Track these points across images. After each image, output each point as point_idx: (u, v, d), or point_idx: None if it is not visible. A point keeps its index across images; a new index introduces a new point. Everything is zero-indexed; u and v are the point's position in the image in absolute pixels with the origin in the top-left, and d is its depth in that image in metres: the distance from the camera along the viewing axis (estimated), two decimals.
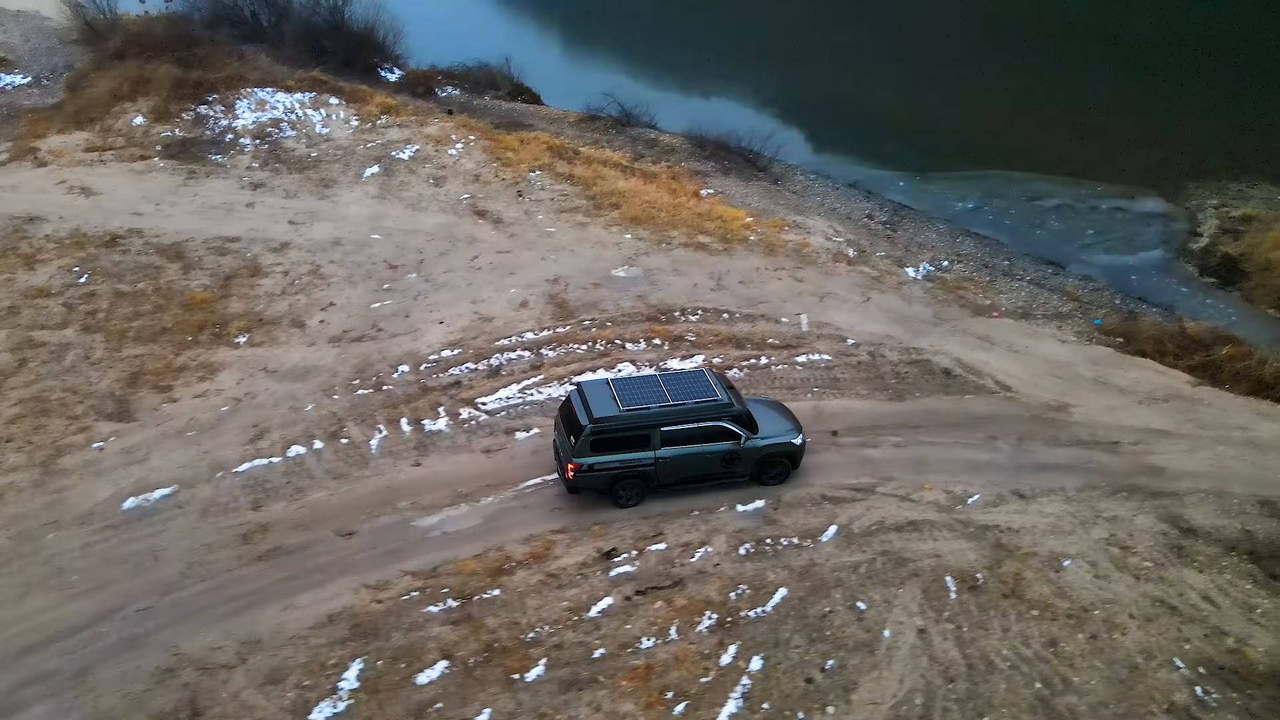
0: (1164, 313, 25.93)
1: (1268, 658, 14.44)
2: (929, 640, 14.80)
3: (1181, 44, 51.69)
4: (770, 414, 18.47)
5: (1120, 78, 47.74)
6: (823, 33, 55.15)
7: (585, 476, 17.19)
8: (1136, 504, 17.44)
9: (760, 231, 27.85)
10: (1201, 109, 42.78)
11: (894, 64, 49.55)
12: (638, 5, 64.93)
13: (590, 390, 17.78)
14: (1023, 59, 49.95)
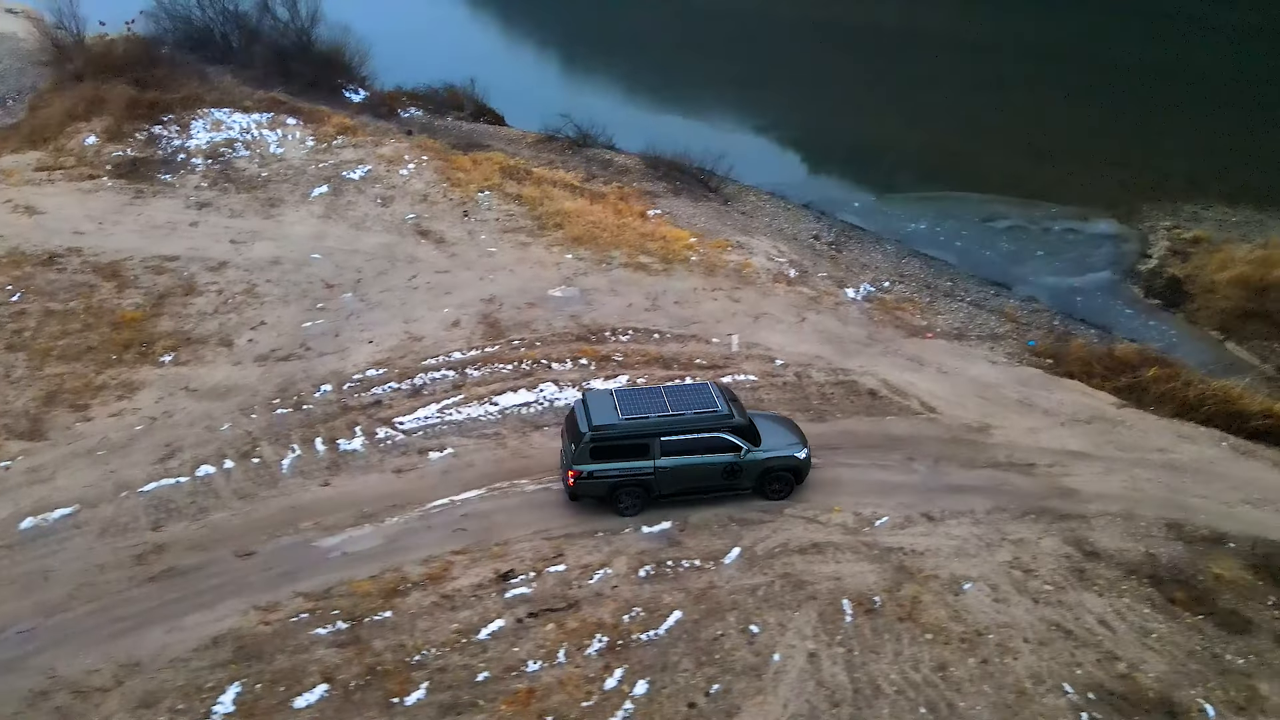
0: (1102, 334, 25.90)
1: (1158, 683, 14.23)
2: (818, 664, 14.62)
3: (1148, 70, 52.01)
4: (775, 428, 18.54)
5: (1086, 102, 47.96)
6: (789, 56, 55.54)
7: (585, 484, 17.42)
8: (1044, 527, 17.27)
9: (703, 252, 27.84)
10: (1164, 133, 43.03)
11: (858, 87, 49.90)
12: (614, 28, 65.48)
13: (593, 399, 18.14)
14: (988, 83, 50.28)
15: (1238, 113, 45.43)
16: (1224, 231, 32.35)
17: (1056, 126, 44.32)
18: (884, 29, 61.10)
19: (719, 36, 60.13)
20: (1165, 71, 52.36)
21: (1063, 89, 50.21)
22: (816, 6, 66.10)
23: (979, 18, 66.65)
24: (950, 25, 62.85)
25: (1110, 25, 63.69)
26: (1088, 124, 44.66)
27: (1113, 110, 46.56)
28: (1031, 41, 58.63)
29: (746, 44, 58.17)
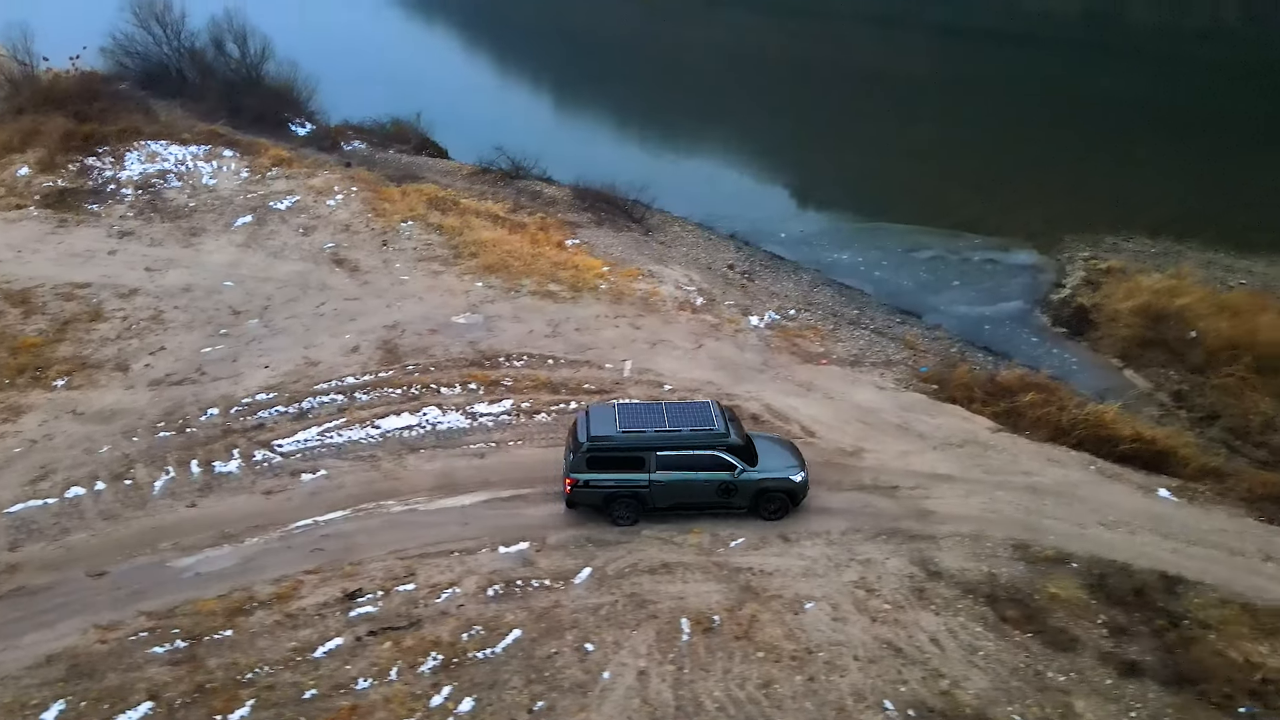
0: (1001, 361, 26.18)
1: (977, 700, 14.32)
2: (646, 682, 14.71)
3: (1089, 104, 53.01)
4: (775, 450, 18.82)
5: (1027, 136, 48.90)
6: (738, 93, 56.71)
7: (581, 492, 17.99)
8: (894, 547, 17.41)
9: (613, 280, 28.21)
10: (1100, 167, 43.75)
11: (801, 122, 50.90)
12: (578, 65, 66.76)
13: (595, 413, 18.76)
14: (929, 118, 51.23)
15: (1178, 146, 46.35)
16: (1140, 262, 32.77)
17: (995, 160, 45.17)
18: (840, 67, 62.40)
19: (677, 72, 61.35)
20: (1112, 107, 53.38)
21: (1006, 123, 51.28)
22: (774, 45, 67.61)
23: (927, 55, 68.19)
24: (898, 62, 64.24)
25: (1063, 61, 65.12)
26: (1026, 158, 45.52)
27: (1053, 144, 47.42)
28: (979, 78, 59.98)
29: (700, 80, 59.36)
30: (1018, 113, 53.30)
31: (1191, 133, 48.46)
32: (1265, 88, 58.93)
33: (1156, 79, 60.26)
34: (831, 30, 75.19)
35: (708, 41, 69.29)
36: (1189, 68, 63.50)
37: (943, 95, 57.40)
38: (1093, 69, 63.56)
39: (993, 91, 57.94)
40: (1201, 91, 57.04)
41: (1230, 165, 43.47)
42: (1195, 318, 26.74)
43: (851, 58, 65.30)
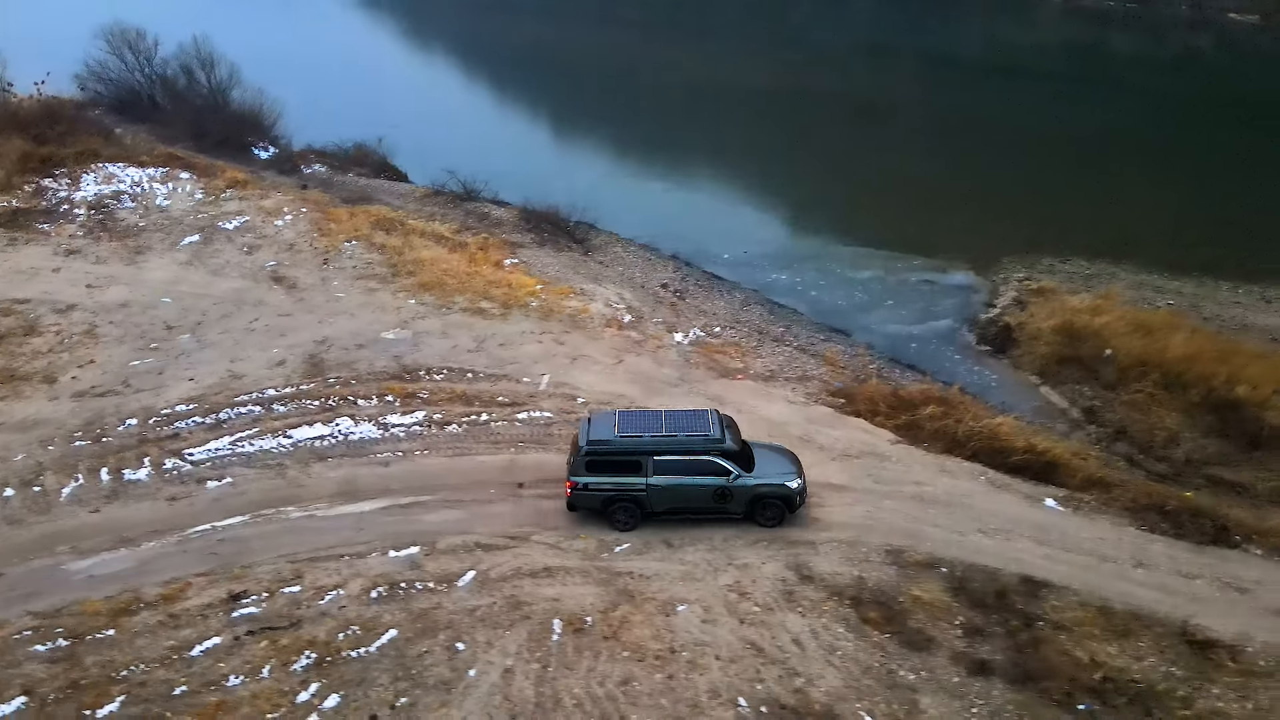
0: (920, 377, 26.61)
1: (827, 697, 14.69)
2: (510, 680, 15.10)
3: (1051, 133, 54.14)
4: (772, 458, 19.20)
5: (980, 161, 49.80)
6: (703, 117, 57.77)
7: (581, 495, 18.59)
8: (772, 553, 17.83)
9: (544, 298, 28.78)
10: (1050, 192, 44.54)
11: (762, 147, 51.72)
12: (552, 95, 67.89)
13: (597, 418, 19.39)
14: (892, 144, 52.24)
15: (1130, 173, 47.17)
16: (1073, 283, 33.32)
17: (948, 186, 45.84)
18: (814, 95, 63.42)
19: (646, 99, 62.53)
20: (1073, 135, 54.45)
21: (966, 150, 52.15)
22: (753, 74, 68.81)
23: (904, 85, 69.41)
24: (873, 92, 65.40)
25: (1036, 91, 66.32)
26: (979, 183, 46.32)
27: (1010, 171, 48.37)
28: (950, 107, 61.06)
29: (668, 106, 60.46)
30: (980, 140, 54.19)
31: (1146, 160, 49.38)
32: (1224, 118, 60.10)
33: (1121, 109, 61.34)
34: (815, 60, 76.65)
35: (687, 69, 70.64)
36: (1156, 98, 64.76)
37: (908, 122, 58.45)
38: (1063, 99, 64.78)
39: (959, 120, 58.96)
40: (1162, 121, 58.19)
41: (1176, 192, 44.32)
42: (1112, 336, 27.20)
43: (829, 86, 66.42)
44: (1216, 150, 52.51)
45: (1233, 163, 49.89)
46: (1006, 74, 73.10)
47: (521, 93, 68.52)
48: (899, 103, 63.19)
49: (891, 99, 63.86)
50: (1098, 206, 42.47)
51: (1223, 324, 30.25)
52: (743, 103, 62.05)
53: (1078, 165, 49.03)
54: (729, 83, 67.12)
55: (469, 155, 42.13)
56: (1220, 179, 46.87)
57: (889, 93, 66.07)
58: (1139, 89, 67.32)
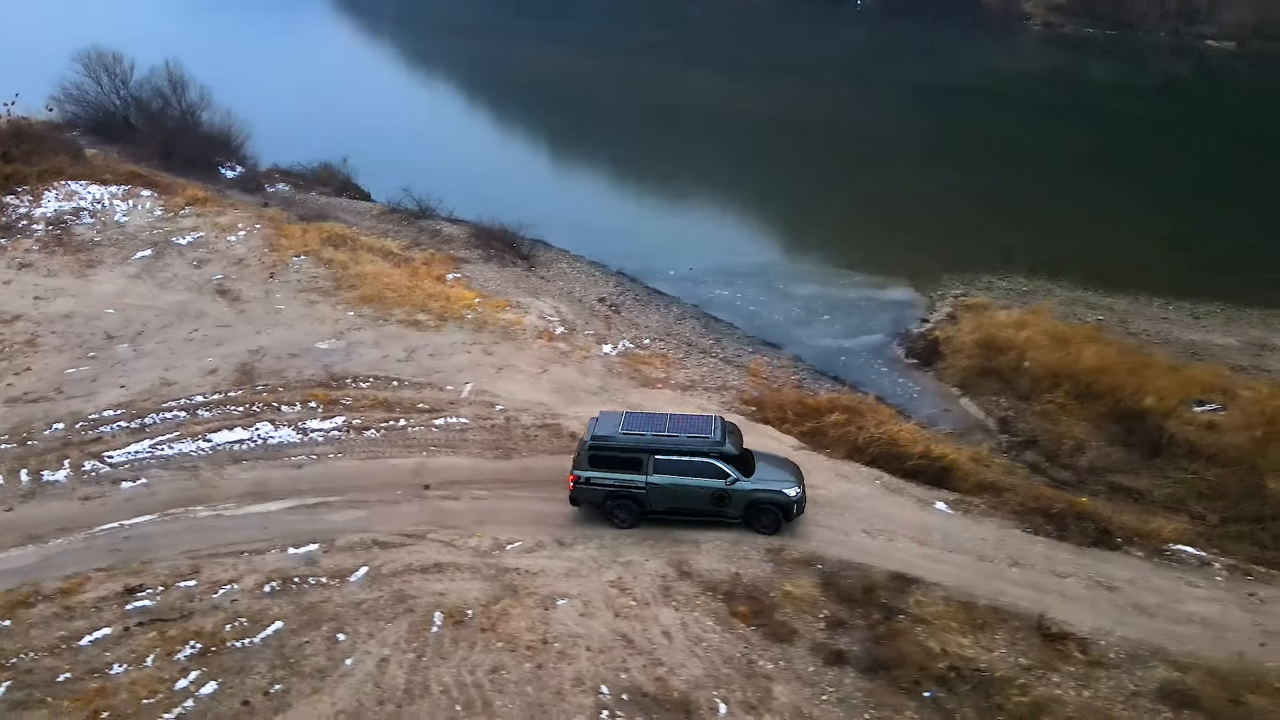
0: (839, 387, 27.20)
1: (685, 685, 15.18)
2: (384, 668, 15.62)
3: (1014, 156, 55.19)
4: (773, 466, 19.56)
5: (943, 183, 50.70)
6: (673, 139, 58.84)
7: (582, 489, 19.16)
8: (657, 551, 18.38)
9: (480, 311, 29.49)
10: (1001, 212, 45.48)
11: (728, 169, 52.70)
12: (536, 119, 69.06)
13: (604, 417, 20.01)
14: (858, 167, 53.32)
15: (1085, 195, 48.06)
16: (1008, 299, 34.03)
17: (904, 206, 46.73)
18: (792, 120, 64.62)
19: (623, 124, 63.78)
20: (1035, 158, 55.54)
21: (927, 173, 53.10)
22: (732, 100, 70.08)
23: (884, 111, 70.60)
24: (851, 118, 66.65)
25: (1012, 117, 67.58)
26: (934, 204, 47.10)
27: (965, 192, 49.20)
28: (923, 132, 62.35)
29: (640, 129, 61.62)
30: (944, 163, 55.21)
31: (1106, 183, 50.21)
32: (1195, 143, 61.17)
33: (1090, 134, 62.49)
34: (796, 86, 78.03)
35: (668, 92, 72.02)
36: (1130, 123, 65.84)
37: (876, 146, 59.48)
38: (1032, 124, 66.03)
39: (926, 143, 60.12)
40: (1130, 146, 59.12)
41: (1129, 213, 45.16)
42: (1030, 349, 27.84)
43: (804, 111, 67.60)
44: (1179, 174, 53.57)
45: (1193, 186, 50.88)
46: (985, 99, 74.39)
47: (497, 114, 69.80)
48: (870, 128, 64.30)
49: (864, 124, 65.02)
50: (1047, 227, 43.36)
51: (1148, 338, 30.90)
52: (716, 125, 63.27)
53: (1037, 187, 50.02)
54: (707, 106, 68.33)
55: (435, 175, 43.02)
56: (1177, 202, 47.83)
57: (863, 118, 67.23)
58: (1116, 114, 68.38)
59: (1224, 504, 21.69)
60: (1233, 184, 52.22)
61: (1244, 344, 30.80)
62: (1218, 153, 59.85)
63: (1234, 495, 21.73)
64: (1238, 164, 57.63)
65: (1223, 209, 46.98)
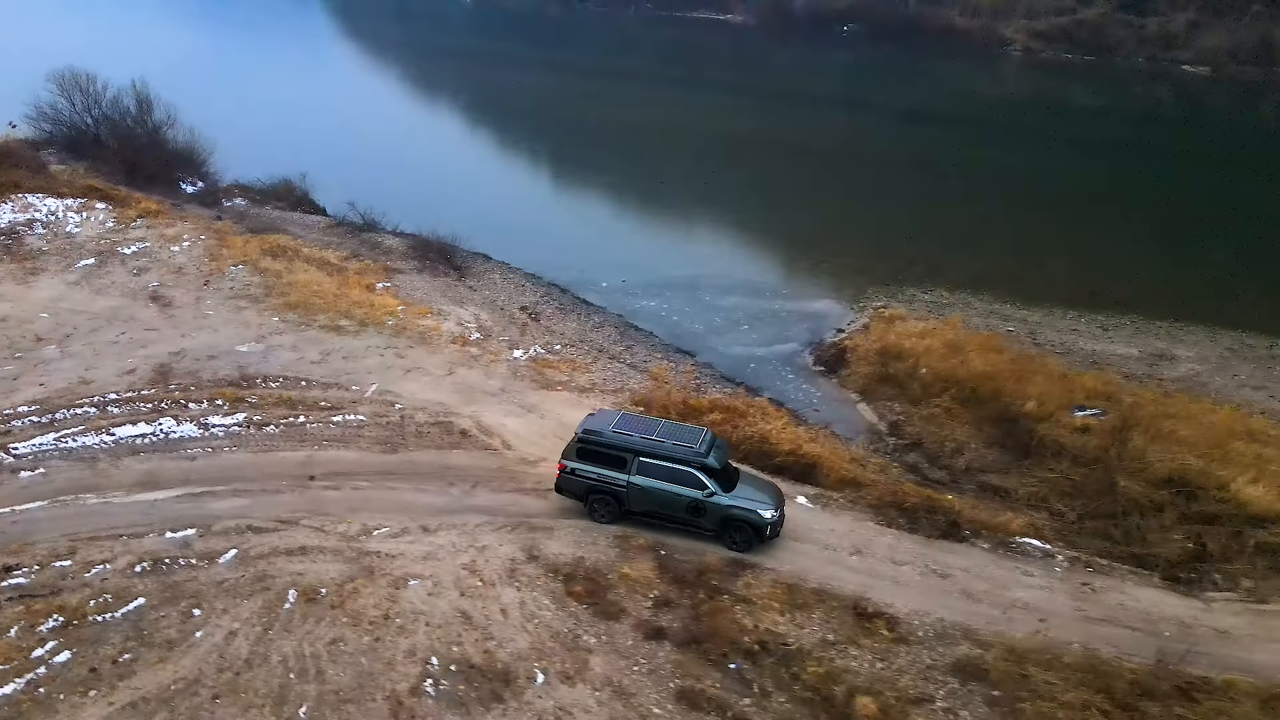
0: (737, 390, 28.15)
1: (510, 657, 16.05)
2: (231, 640, 16.53)
3: (973, 176, 56.42)
4: (754, 487, 19.82)
5: (892, 201, 51.95)
6: (636, 157, 60.20)
7: (567, 479, 19.94)
8: (514, 537, 19.29)
9: (402, 317, 30.60)
10: (942, 229, 46.55)
11: (683, 186, 54.10)
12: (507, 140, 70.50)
13: (599, 414, 21.04)
14: (816, 187, 54.65)
15: (1029, 214, 49.30)
16: (927, 311, 35.00)
17: (845, 223, 47.97)
18: (753, 138, 66.15)
19: (592, 143, 65.28)
20: (992, 180, 56.79)
21: (881, 192, 54.39)
22: (704, 120, 71.71)
23: (859, 134, 72.10)
24: (825, 139, 68.10)
25: (982, 140, 69.01)
26: (876, 222, 48.37)
27: (910, 209, 50.38)
28: (890, 153, 63.78)
29: (605, 148, 63.03)
30: (896, 183, 56.51)
31: (1050, 204, 51.36)
32: (1151, 167, 62.36)
33: (1053, 157, 63.81)
34: (773, 109, 79.77)
35: (642, 116, 73.70)
36: (1099, 148, 67.17)
37: (835, 166, 60.93)
38: (1001, 148, 67.38)
39: (884, 164, 61.51)
40: (1090, 169, 60.41)
41: (1060, 233, 46.24)
42: (926, 356, 28.74)
43: (775, 133, 69.22)
44: (1130, 196, 54.68)
45: (1141, 206, 51.98)
46: (947, 123, 75.81)
47: (474, 135, 71.36)
48: (831, 147, 65.83)
49: (826, 144, 66.55)
50: (983, 245, 44.47)
51: (1051, 348, 31.84)
52: (679, 145, 64.88)
53: (981, 207, 51.17)
54: (674, 126, 69.99)
55: (395, 192, 44.64)
56: (1116, 220, 48.88)
57: (826, 138, 68.77)
58: (1090, 140, 69.79)
59: (1082, 501, 22.53)
60: (1179, 205, 53.39)
61: (1145, 354, 31.68)
62: (1182, 174, 61.10)
63: (1091, 493, 22.54)
64: (1191, 184, 58.79)
65: (1167, 229, 48.13)
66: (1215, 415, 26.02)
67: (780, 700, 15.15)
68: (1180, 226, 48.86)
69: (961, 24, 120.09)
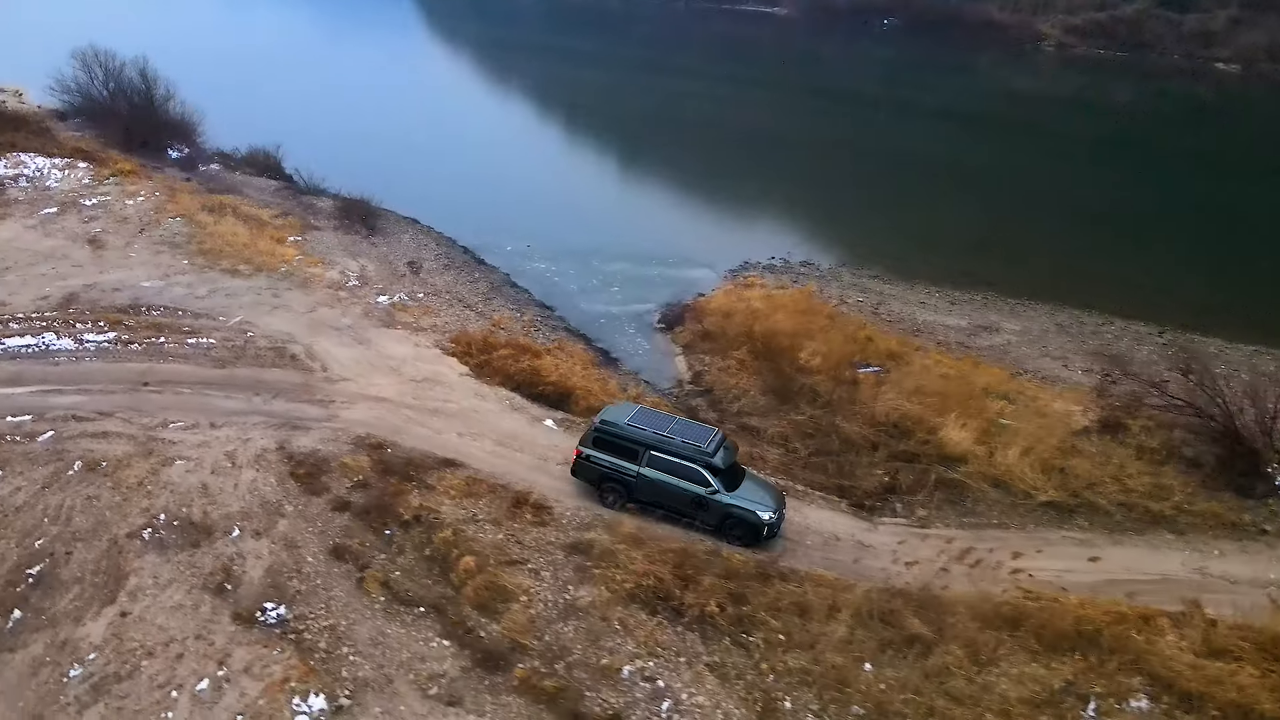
0: (562, 338, 31.24)
1: (220, 517, 19.60)
2: (15, 494, 20.31)
3: (933, 167, 57.91)
4: (758, 488, 20.97)
5: (793, 180, 54.06)
6: (591, 139, 63.33)
7: (582, 465, 21.15)
8: (277, 434, 22.82)
9: (294, 266, 34.58)
10: (867, 209, 48.64)
11: (632, 167, 56.92)
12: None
13: (617, 406, 22.66)
14: (749, 169, 56.79)
15: (957, 195, 50.79)
16: (791, 280, 37.42)
17: (756, 203, 50.37)
18: (731, 125, 68.51)
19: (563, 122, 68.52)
20: (950, 169, 58.23)
21: (814, 176, 56.45)
22: (685, 109, 74.15)
23: (833, 122, 73.71)
24: (782, 125, 69.94)
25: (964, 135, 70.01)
26: (798, 199, 50.60)
27: (828, 188, 52.55)
28: (838, 139, 65.38)
29: (568, 127, 66.23)
30: (845, 168, 58.40)
31: (978, 190, 52.74)
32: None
33: (1026, 151, 64.59)
34: (771, 100, 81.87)
35: (643, 100, 76.82)
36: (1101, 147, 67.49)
37: (779, 151, 62.91)
38: (981, 141, 68.39)
39: (843, 151, 63.28)
40: (1086, 168, 61.01)
41: (982, 214, 47.77)
42: (741, 316, 31.33)
43: (755, 120, 71.48)
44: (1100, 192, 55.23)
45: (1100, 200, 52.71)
46: (955, 119, 76.67)
47: (490, 118, 75.17)
48: (800, 133, 67.70)
49: (794, 130, 68.43)
50: (885, 225, 46.42)
51: (887, 316, 34.09)
52: (660, 131, 67.67)
53: (912, 189, 52.79)
54: (669, 115, 72.77)
55: (366, 164, 48.63)
56: (1048, 207, 49.99)
57: (794, 123, 70.62)
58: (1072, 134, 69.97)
59: (815, 441, 25.01)
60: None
61: (972, 325, 33.59)
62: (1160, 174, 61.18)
63: (821, 434, 25.01)
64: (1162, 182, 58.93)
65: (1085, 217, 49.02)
66: (985, 375, 27.98)
67: (408, 558, 18.42)
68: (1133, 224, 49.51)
69: (1000, 18, 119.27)
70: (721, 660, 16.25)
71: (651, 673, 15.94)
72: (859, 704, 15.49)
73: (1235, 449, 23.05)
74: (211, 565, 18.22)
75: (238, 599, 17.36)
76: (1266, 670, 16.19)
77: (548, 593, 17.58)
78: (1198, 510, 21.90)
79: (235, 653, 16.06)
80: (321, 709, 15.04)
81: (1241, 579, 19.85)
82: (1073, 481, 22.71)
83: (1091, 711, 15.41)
